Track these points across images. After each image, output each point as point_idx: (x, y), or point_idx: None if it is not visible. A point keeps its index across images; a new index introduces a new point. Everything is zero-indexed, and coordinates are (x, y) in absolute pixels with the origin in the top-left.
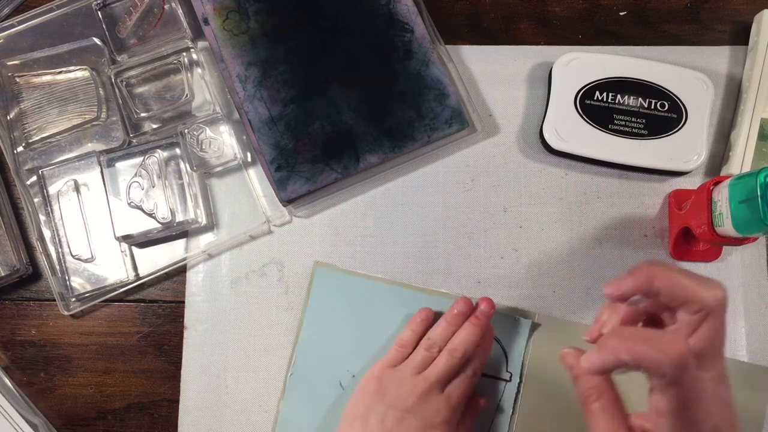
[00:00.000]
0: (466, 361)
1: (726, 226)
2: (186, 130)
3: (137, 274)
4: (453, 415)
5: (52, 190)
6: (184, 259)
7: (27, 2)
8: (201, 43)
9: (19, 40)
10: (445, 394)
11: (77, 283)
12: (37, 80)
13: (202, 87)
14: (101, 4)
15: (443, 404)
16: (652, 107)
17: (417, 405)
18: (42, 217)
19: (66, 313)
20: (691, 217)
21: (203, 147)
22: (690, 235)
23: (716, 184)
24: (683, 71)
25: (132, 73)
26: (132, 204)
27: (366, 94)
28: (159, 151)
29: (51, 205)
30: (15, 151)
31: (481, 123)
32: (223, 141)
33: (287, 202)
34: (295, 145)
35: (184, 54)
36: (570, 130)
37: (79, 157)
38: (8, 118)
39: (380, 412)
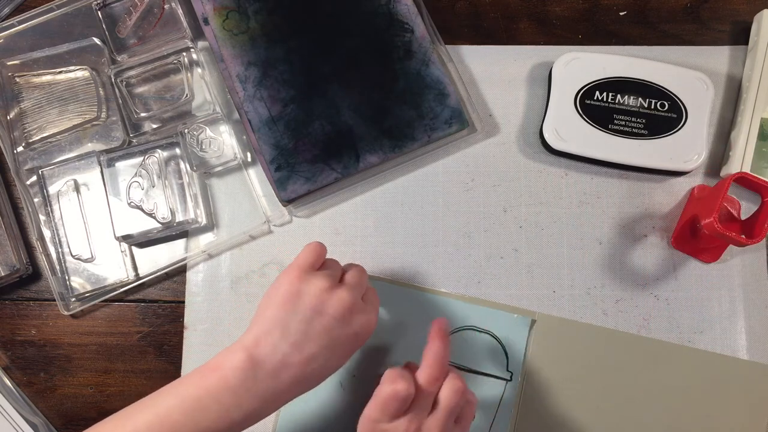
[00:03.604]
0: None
1: None
2: (186, 130)
3: (137, 274)
4: (373, 327)
5: (52, 190)
6: (184, 259)
7: (27, 2)
8: (201, 43)
9: (19, 40)
10: (369, 306)
11: (77, 283)
12: (37, 80)
13: (202, 87)
14: (101, 4)
15: (371, 315)
16: (652, 107)
17: (346, 314)
18: (42, 217)
19: (66, 313)
20: (702, 207)
21: (203, 147)
22: (695, 230)
23: (738, 180)
24: (683, 71)
25: (132, 73)
26: (132, 204)
27: (366, 94)
28: (159, 151)
29: (51, 205)
30: (15, 151)
31: (481, 123)
32: (223, 141)
33: (287, 202)
34: (295, 145)
35: (184, 54)
36: (570, 130)
37: (79, 157)
38: (8, 118)
39: (304, 319)
